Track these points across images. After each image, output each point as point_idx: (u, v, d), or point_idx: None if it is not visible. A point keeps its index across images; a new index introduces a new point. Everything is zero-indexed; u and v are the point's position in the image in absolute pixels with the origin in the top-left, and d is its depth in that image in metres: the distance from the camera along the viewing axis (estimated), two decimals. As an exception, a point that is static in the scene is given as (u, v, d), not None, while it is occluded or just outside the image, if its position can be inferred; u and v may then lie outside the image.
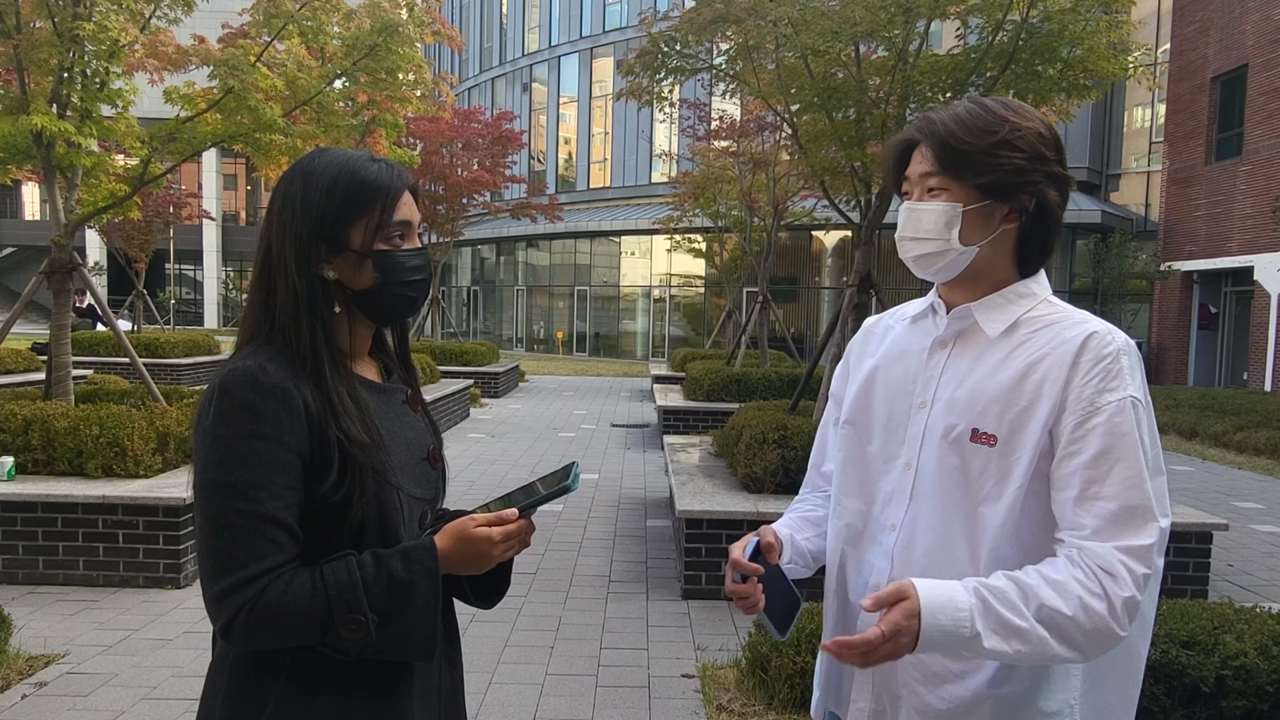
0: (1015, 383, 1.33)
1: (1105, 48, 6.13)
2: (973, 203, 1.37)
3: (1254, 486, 9.35)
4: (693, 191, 16.72)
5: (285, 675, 1.25)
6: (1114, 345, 1.31)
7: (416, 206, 1.38)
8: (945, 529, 1.37)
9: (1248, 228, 17.80)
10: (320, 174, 1.30)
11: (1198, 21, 19.76)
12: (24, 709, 3.56)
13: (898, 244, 1.46)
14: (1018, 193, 1.36)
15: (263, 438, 1.20)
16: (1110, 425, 1.26)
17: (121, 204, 7.47)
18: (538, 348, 32.78)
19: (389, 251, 1.32)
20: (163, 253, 32.74)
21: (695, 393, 11.53)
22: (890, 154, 1.47)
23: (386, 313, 1.37)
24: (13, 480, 5.22)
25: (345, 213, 1.29)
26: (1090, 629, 1.22)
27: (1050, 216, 1.39)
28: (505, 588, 1.55)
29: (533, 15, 33.74)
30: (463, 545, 1.27)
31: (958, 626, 1.21)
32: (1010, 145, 1.35)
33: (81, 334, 15.73)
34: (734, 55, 7.17)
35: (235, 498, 1.18)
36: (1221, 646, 3.32)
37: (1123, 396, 1.28)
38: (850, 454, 1.53)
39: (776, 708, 3.62)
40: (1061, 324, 1.36)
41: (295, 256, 1.28)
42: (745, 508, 5.19)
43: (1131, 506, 1.25)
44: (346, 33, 8.25)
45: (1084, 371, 1.30)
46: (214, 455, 1.20)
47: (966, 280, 1.43)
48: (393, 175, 1.33)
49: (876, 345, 1.56)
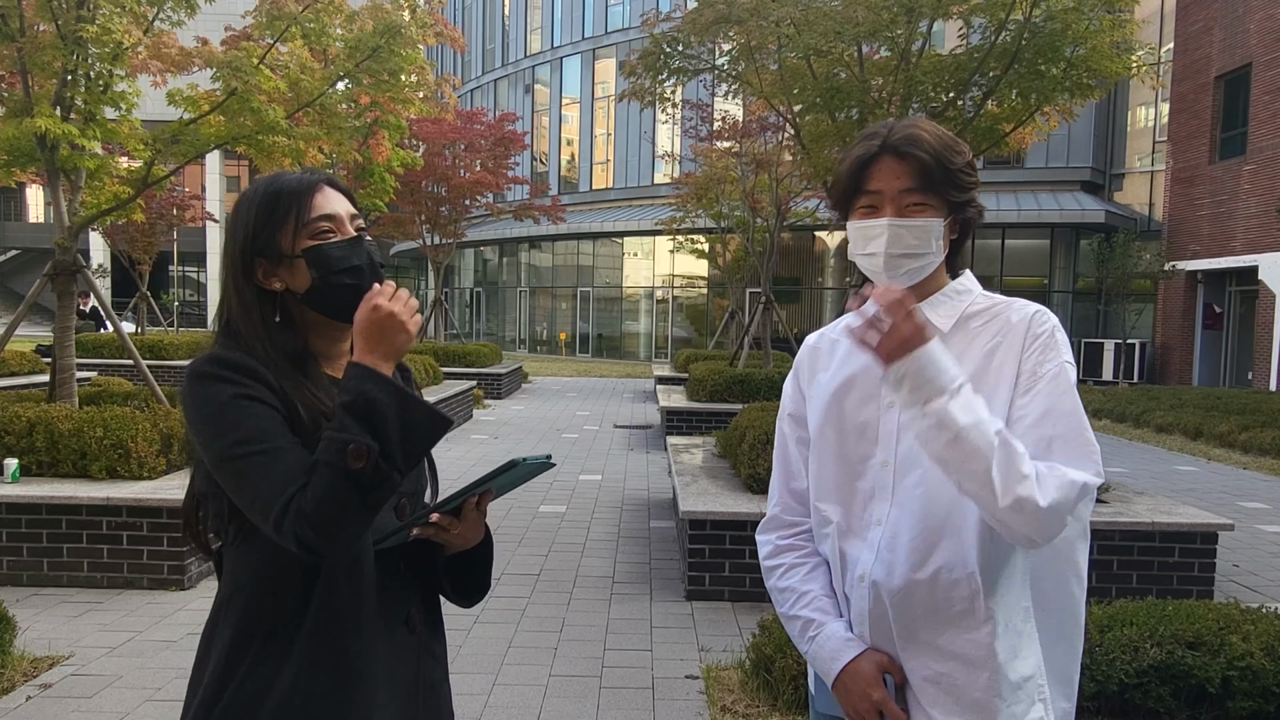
0: (979, 370, 1.46)
1: (1108, 47, 6.12)
2: (946, 217, 1.51)
3: (1260, 486, 9.32)
4: (695, 192, 16.71)
5: (259, 642, 1.32)
6: (1049, 323, 1.49)
7: (342, 200, 1.43)
8: (931, 517, 1.45)
9: (1252, 227, 17.76)
10: (245, 197, 1.42)
11: (1201, 20, 19.73)
12: (29, 710, 3.56)
13: (881, 260, 1.49)
14: (968, 208, 1.53)
15: (248, 397, 1.29)
16: (1051, 387, 1.42)
17: (125, 206, 7.48)
18: (541, 349, 32.79)
19: (315, 246, 1.39)
20: (166, 255, 32.79)
21: (698, 394, 11.52)
22: (853, 165, 1.52)
23: (334, 306, 1.40)
24: (17, 482, 5.23)
25: (269, 223, 1.39)
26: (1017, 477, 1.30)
27: (972, 227, 1.59)
28: (486, 588, 1.58)
29: (535, 16, 33.75)
30: (368, 328, 1.30)
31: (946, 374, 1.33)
32: (971, 167, 1.53)
33: (85, 336, 15.75)
34: (736, 56, 7.18)
35: (249, 445, 1.26)
36: (1228, 647, 3.31)
37: (1059, 362, 1.44)
38: (823, 462, 1.59)
39: (781, 709, 3.61)
40: (1006, 312, 1.51)
41: (233, 276, 1.40)
42: (749, 508, 5.18)
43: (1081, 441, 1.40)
44: (349, 34, 8.26)
45: (1028, 347, 1.46)
46: (215, 425, 1.28)
47: (916, 286, 1.54)
48: (304, 178, 1.42)
49: (828, 360, 1.64)
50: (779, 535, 1.70)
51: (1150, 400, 14.51)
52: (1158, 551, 5.11)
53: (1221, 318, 19.77)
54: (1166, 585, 5.07)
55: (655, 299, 30.25)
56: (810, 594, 1.58)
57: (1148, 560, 5.11)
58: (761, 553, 1.72)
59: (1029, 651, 1.46)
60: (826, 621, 1.53)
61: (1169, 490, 8.73)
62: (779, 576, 1.66)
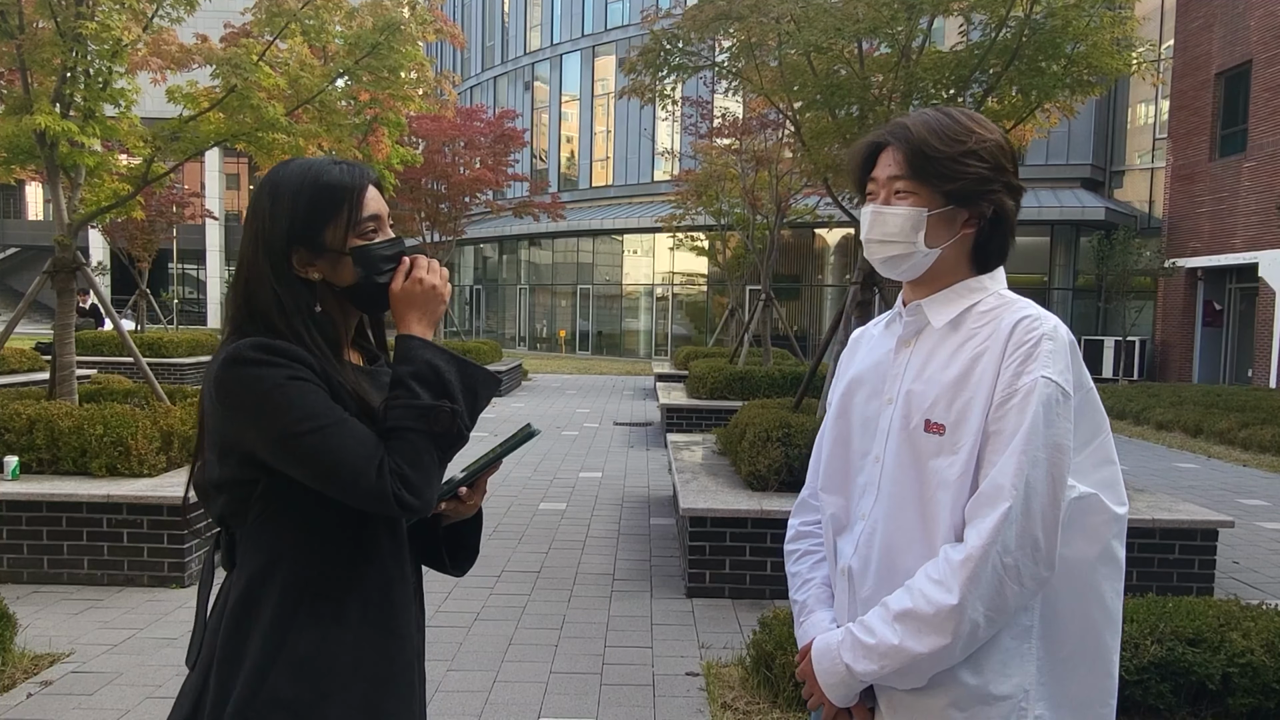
0: (962, 374, 1.41)
1: (1109, 43, 6.11)
2: (937, 207, 1.45)
3: (1260, 484, 9.32)
4: (695, 189, 16.69)
5: (304, 611, 1.35)
6: (1038, 330, 1.37)
7: (381, 199, 1.46)
8: (903, 517, 1.44)
9: (1252, 224, 17.75)
10: (286, 184, 1.39)
11: (1201, 17, 19.70)
12: (29, 708, 3.57)
13: (864, 246, 1.53)
14: (979, 200, 1.45)
15: (298, 377, 1.30)
16: (1021, 405, 1.33)
17: (124, 203, 7.47)
18: (541, 346, 32.78)
19: (364, 246, 1.40)
20: (166, 252, 32.77)
21: (698, 391, 11.52)
22: (857, 155, 1.54)
23: (373, 303, 1.45)
24: (17, 480, 5.23)
25: (316, 216, 1.38)
26: (931, 611, 1.31)
27: (1006, 223, 1.48)
28: (475, 554, 1.64)
29: (535, 13, 33.71)
30: (410, 300, 1.40)
31: (834, 665, 1.42)
32: (976, 155, 1.43)
33: (85, 334, 15.75)
34: (736, 52, 7.16)
35: (316, 420, 1.28)
36: (1228, 644, 3.31)
37: (1034, 378, 1.33)
38: (834, 454, 1.61)
39: (781, 705, 3.61)
40: (1002, 315, 1.43)
41: (270, 264, 1.37)
42: (749, 506, 5.18)
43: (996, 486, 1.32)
44: (349, 31, 8.23)
45: (1008, 356, 1.37)
46: (274, 405, 1.28)
47: (929, 280, 1.51)
48: (355, 174, 1.41)
49: (861, 354, 1.65)
50: (801, 521, 1.73)
51: (1150, 397, 14.51)
52: (1158, 548, 5.11)
53: (1221, 315, 19.76)
54: (1167, 582, 5.07)
55: (655, 296, 30.23)
56: (812, 581, 1.64)
57: (1148, 557, 5.11)
58: (787, 535, 1.76)
59: (1014, 670, 1.38)
60: (816, 609, 1.59)
61: (1169, 487, 8.73)
62: (793, 561, 1.71)
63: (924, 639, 1.33)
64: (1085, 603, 1.43)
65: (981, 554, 1.30)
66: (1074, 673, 1.42)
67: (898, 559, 1.43)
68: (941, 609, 1.31)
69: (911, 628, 1.33)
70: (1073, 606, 1.42)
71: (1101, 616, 1.43)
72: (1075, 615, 1.42)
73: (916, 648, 1.33)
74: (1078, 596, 1.42)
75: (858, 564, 1.49)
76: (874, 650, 1.37)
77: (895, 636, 1.35)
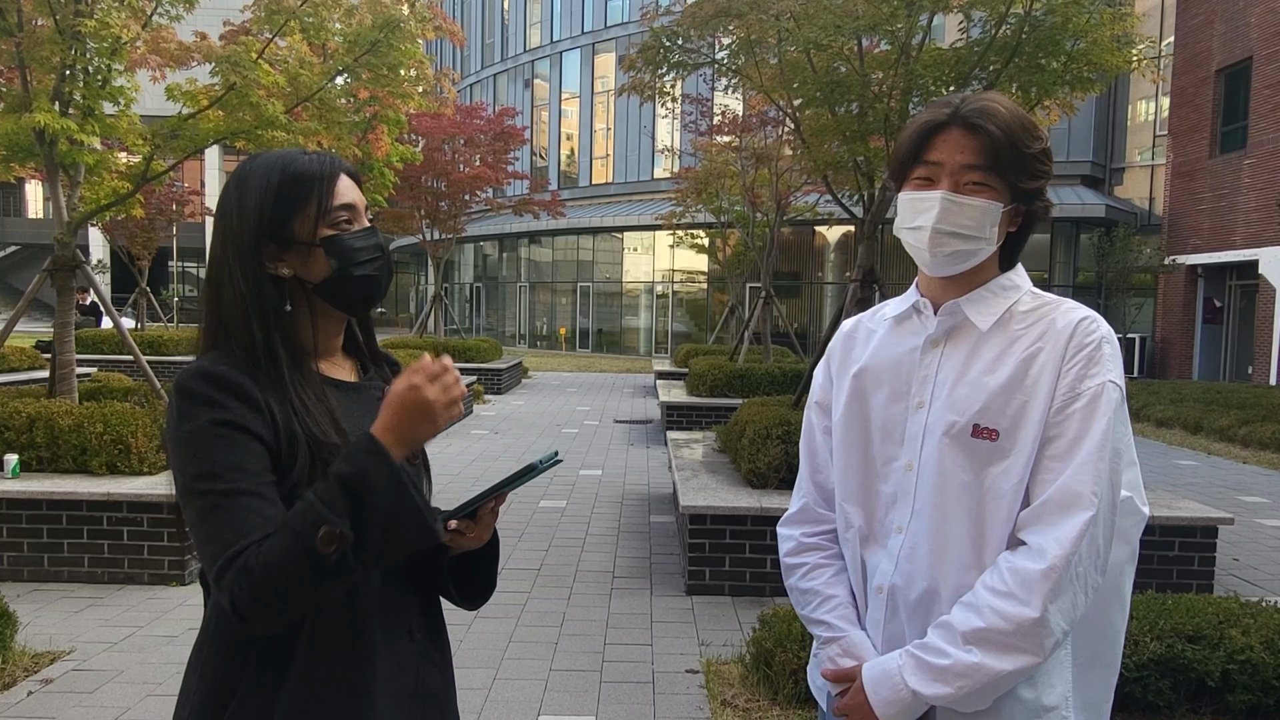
0: (1015, 376, 1.35)
1: (1109, 40, 6.10)
2: (1008, 203, 1.38)
3: (1260, 481, 9.32)
4: (695, 187, 16.68)
5: (251, 670, 1.25)
6: (1098, 333, 1.34)
7: (357, 189, 1.37)
8: (949, 527, 1.37)
9: (1252, 221, 17.74)
10: (254, 176, 1.31)
11: (1202, 14, 19.68)
12: (30, 705, 3.57)
13: (927, 234, 1.39)
14: (1036, 199, 1.40)
15: (227, 424, 1.20)
16: (1087, 409, 1.30)
17: (124, 201, 7.48)
18: (541, 344, 32.77)
19: (337, 235, 1.31)
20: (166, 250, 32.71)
21: (698, 388, 11.52)
22: (917, 131, 1.40)
23: (351, 299, 1.35)
24: (17, 477, 5.24)
25: (285, 207, 1.29)
26: (1011, 628, 1.26)
27: (1038, 221, 1.45)
28: (491, 589, 1.50)
29: (534, 10, 33.67)
30: (398, 407, 1.19)
31: (896, 693, 1.33)
32: (1047, 155, 1.39)
33: (85, 332, 15.76)
34: (736, 50, 7.15)
35: (213, 482, 1.18)
36: (1227, 641, 3.31)
37: (1100, 382, 1.31)
38: (849, 460, 1.51)
39: (781, 703, 3.62)
40: (1052, 314, 1.38)
41: (239, 261, 1.28)
42: (749, 503, 5.18)
43: (1072, 493, 1.28)
44: (348, 29, 8.23)
45: (1069, 359, 1.33)
46: (186, 451, 1.20)
47: (963, 276, 1.43)
48: (324, 163, 1.33)
49: (861, 349, 1.54)
50: (803, 532, 1.59)
51: (1150, 394, 14.51)
52: (1158, 545, 5.11)
53: (1222, 312, 19.75)
54: (1166, 579, 5.08)
55: (655, 294, 30.22)
56: (836, 599, 1.51)
57: (1147, 554, 5.11)
58: (783, 548, 1.61)
59: (1057, 680, 1.36)
60: (848, 629, 1.48)
61: (1169, 484, 8.73)
62: (801, 576, 1.56)
63: (1008, 657, 1.26)
64: (1109, 605, 1.42)
65: (1065, 564, 1.25)
66: (1092, 672, 1.42)
67: (947, 573, 1.36)
68: (1023, 624, 1.25)
69: (991, 646, 1.27)
70: (1100, 609, 1.41)
71: (1120, 616, 1.44)
72: (1101, 618, 1.42)
73: (1000, 666, 1.26)
74: (1105, 599, 1.40)
75: (900, 580, 1.40)
76: (948, 671, 1.29)
77: (973, 656, 1.27)
